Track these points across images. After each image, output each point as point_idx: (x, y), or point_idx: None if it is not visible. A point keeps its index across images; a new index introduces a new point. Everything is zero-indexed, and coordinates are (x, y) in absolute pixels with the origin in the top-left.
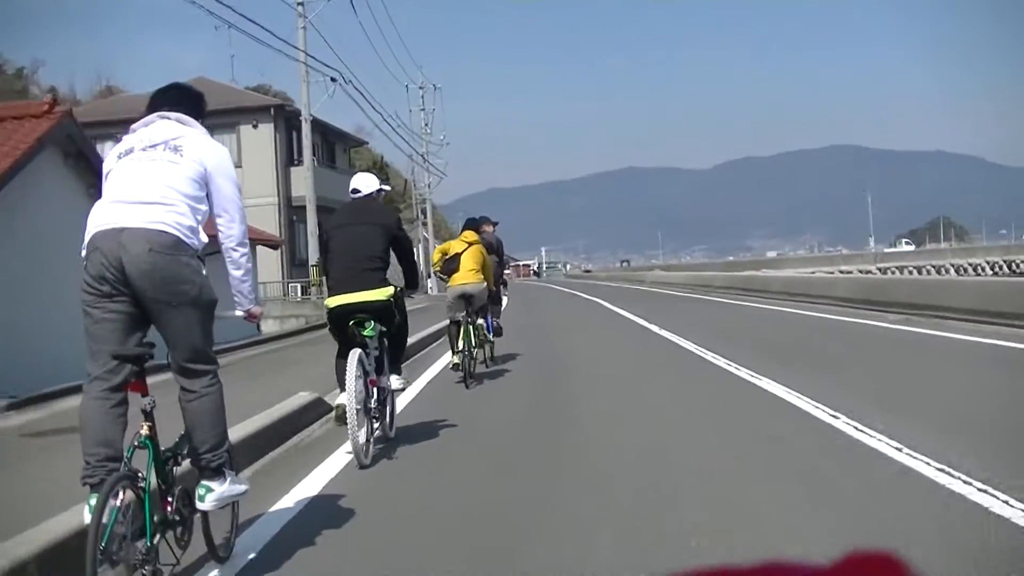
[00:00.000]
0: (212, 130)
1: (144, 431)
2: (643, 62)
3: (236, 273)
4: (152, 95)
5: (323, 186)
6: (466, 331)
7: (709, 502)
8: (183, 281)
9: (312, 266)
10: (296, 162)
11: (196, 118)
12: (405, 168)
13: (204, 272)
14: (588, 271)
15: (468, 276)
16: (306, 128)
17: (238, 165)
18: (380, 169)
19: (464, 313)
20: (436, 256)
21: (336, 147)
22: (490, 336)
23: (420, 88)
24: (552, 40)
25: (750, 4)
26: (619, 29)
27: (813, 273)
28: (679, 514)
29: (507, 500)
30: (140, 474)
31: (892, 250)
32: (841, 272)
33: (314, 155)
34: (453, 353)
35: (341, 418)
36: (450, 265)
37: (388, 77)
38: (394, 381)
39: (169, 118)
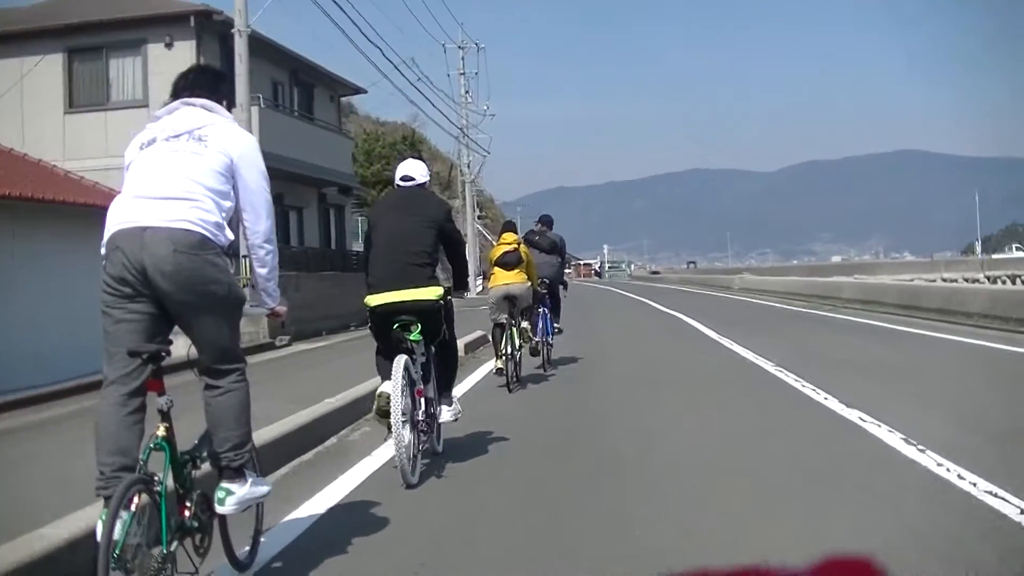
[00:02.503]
0: (107, 51)
1: (161, 432)
2: (709, 62)
3: (262, 271)
4: (175, 81)
5: (289, 143)
6: (509, 334)
7: None
8: (210, 282)
9: (244, 257)
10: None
11: (220, 101)
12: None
13: (231, 269)
14: (656, 272)
15: (511, 276)
16: (240, 44)
17: (142, 104)
18: (411, 146)
19: (507, 315)
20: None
21: (316, 92)
22: (549, 339)
23: (460, 48)
24: (619, 39)
25: (816, 13)
26: (685, 29)
27: (937, 281)
28: None
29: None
30: (156, 477)
31: (1001, 256)
32: (944, 280)
33: (275, 97)
34: (497, 358)
35: (383, 411)
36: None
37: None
38: (444, 413)
39: (194, 105)
